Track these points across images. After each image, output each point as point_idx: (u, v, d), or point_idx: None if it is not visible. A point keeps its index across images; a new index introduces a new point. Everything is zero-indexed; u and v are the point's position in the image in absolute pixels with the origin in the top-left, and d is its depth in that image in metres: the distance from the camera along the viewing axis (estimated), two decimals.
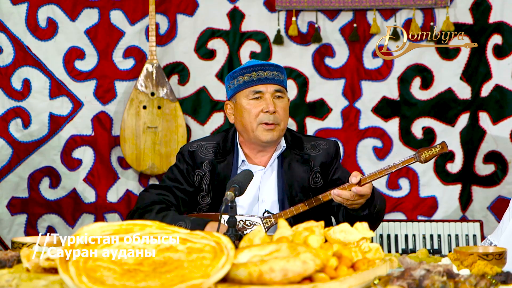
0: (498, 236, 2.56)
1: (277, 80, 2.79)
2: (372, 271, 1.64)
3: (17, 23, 4.24)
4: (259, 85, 2.78)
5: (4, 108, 4.25)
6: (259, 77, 2.78)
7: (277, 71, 2.80)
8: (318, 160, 2.83)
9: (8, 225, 4.26)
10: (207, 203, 2.80)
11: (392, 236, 3.93)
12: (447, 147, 2.61)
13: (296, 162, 2.82)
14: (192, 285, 1.42)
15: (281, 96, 2.79)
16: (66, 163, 4.29)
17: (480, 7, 4.23)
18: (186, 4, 4.31)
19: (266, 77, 2.78)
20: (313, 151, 2.85)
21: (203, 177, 2.81)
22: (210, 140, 2.90)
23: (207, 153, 2.84)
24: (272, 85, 2.78)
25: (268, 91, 2.77)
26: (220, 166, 2.80)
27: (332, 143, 2.89)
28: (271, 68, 2.80)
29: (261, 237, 1.69)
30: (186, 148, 2.87)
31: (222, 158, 2.82)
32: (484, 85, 4.24)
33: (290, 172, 2.79)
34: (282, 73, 2.82)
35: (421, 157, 2.59)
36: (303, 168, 2.81)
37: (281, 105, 2.78)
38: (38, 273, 1.66)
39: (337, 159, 2.88)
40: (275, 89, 2.78)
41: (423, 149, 2.60)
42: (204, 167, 2.81)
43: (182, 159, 2.86)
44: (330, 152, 2.86)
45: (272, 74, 2.78)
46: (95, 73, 4.30)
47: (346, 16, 4.29)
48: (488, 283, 1.58)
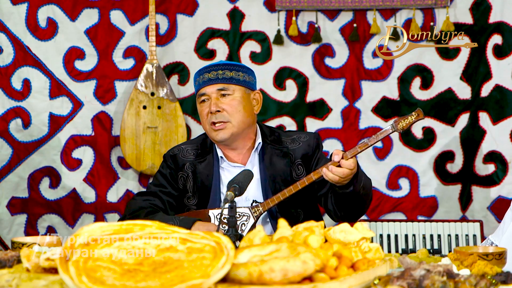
0: (499, 236, 2.56)
1: (221, 79, 2.81)
2: (372, 271, 1.64)
3: (17, 23, 4.24)
4: (203, 87, 2.84)
5: (4, 108, 4.25)
6: (203, 79, 2.84)
7: (223, 69, 2.82)
8: (299, 153, 2.85)
9: (8, 225, 4.26)
10: (194, 204, 2.85)
11: (392, 236, 3.93)
12: (422, 113, 2.62)
13: (276, 156, 2.84)
14: (192, 285, 1.42)
15: (227, 93, 2.81)
16: (66, 163, 4.29)
17: (480, 7, 4.23)
18: (186, 4, 4.31)
19: (210, 78, 2.82)
20: (292, 145, 2.87)
21: (187, 178, 2.87)
22: (190, 143, 2.98)
23: (188, 155, 2.90)
24: (214, 85, 2.81)
25: (211, 92, 2.82)
26: (201, 166, 2.86)
27: (312, 135, 2.91)
28: (216, 68, 2.83)
29: (261, 237, 1.69)
30: (168, 153, 2.95)
31: (203, 158, 2.88)
32: (484, 85, 4.24)
33: (272, 167, 2.82)
34: (231, 70, 2.83)
35: (398, 126, 2.60)
36: (284, 161, 2.83)
37: (227, 102, 2.80)
38: (38, 273, 1.66)
39: (318, 149, 2.89)
40: (218, 88, 2.81)
41: (399, 118, 2.61)
42: (186, 169, 2.87)
43: (165, 164, 2.93)
44: (310, 143, 2.88)
45: (217, 74, 2.81)
46: (95, 73, 4.30)
47: (346, 16, 4.29)
48: (488, 283, 1.58)
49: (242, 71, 2.85)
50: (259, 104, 2.90)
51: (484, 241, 2.66)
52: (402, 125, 2.60)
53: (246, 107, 2.83)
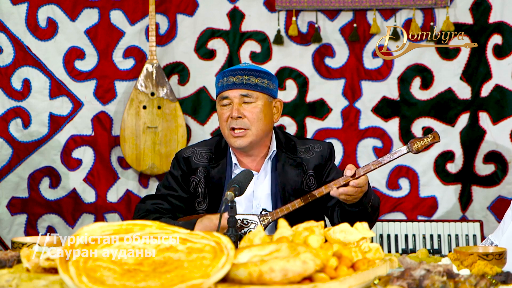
0: (499, 236, 2.56)
1: (246, 84, 2.77)
2: (372, 271, 1.64)
3: (17, 23, 4.24)
4: (226, 91, 2.79)
5: (4, 108, 4.25)
6: (227, 83, 2.79)
7: (249, 75, 2.78)
8: (312, 163, 2.82)
9: (8, 225, 4.26)
10: (204, 209, 2.80)
11: (392, 236, 3.93)
12: (438, 136, 2.62)
13: (289, 166, 2.81)
14: (192, 285, 1.42)
15: (249, 101, 2.77)
16: (66, 163, 4.29)
17: (480, 7, 4.23)
18: (186, 4, 4.31)
19: (234, 82, 2.77)
20: (306, 155, 2.84)
21: (198, 183, 2.82)
22: (204, 145, 2.91)
23: (202, 159, 2.85)
24: (238, 90, 2.77)
25: (234, 96, 2.77)
26: (214, 171, 2.81)
27: (326, 145, 2.88)
28: (242, 72, 2.78)
29: (261, 237, 1.69)
30: (181, 154, 2.88)
31: (216, 163, 2.83)
32: (484, 85, 4.24)
33: (284, 175, 2.79)
34: (257, 77, 2.79)
35: (413, 148, 2.60)
36: (296, 172, 2.80)
37: (250, 109, 2.76)
38: (38, 273, 1.66)
39: (331, 160, 2.87)
40: (241, 93, 2.76)
41: (415, 140, 2.61)
42: (199, 173, 2.83)
43: (176, 165, 2.87)
44: (324, 154, 2.85)
45: (242, 79, 2.77)
46: (95, 73, 4.30)
47: (346, 16, 4.29)
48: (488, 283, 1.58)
49: (267, 78, 2.81)
50: (279, 112, 2.86)
51: (484, 241, 2.66)
52: (417, 147, 2.60)
53: (266, 116, 2.79)
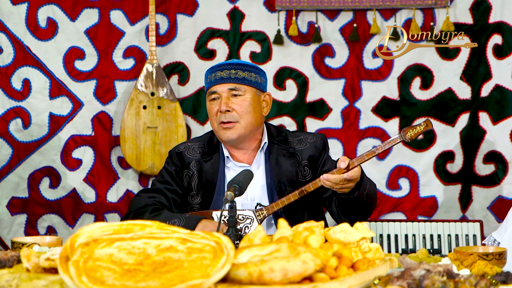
0: (502, 233, 2.57)
1: (234, 78, 2.80)
2: (372, 271, 1.64)
3: (17, 23, 4.24)
4: (214, 85, 2.82)
5: (4, 108, 4.25)
6: (215, 78, 2.82)
7: (236, 69, 2.81)
8: (306, 154, 2.84)
9: (8, 225, 4.26)
10: (197, 203, 2.84)
11: (392, 236, 3.93)
12: (431, 124, 2.63)
13: (282, 157, 2.83)
14: (192, 285, 1.42)
15: (238, 94, 2.80)
16: (66, 163, 4.29)
17: (480, 7, 4.23)
18: (186, 4, 4.31)
19: (222, 76, 2.81)
20: (299, 145, 2.86)
21: (192, 177, 2.85)
22: (197, 140, 2.96)
23: (194, 153, 2.89)
24: (226, 84, 2.80)
25: (223, 91, 2.80)
26: (207, 164, 2.85)
27: (319, 136, 2.90)
28: (229, 67, 2.82)
29: (261, 237, 1.69)
30: (174, 150, 2.93)
31: (209, 157, 2.87)
32: (484, 85, 4.24)
33: (278, 167, 2.81)
34: (244, 71, 2.82)
35: (406, 136, 2.60)
36: (290, 162, 2.82)
37: (238, 102, 2.79)
38: (38, 273, 1.66)
39: (325, 151, 2.89)
40: (229, 87, 2.80)
41: (408, 128, 2.61)
42: (192, 167, 2.86)
43: (170, 161, 2.91)
44: (317, 145, 2.87)
45: (229, 73, 2.80)
46: (95, 73, 4.30)
47: (346, 16, 4.29)
48: (488, 283, 1.58)
49: (255, 72, 2.84)
50: (268, 106, 2.89)
51: (486, 238, 2.66)
52: (410, 135, 2.60)
53: (255, 109, 2.82)
